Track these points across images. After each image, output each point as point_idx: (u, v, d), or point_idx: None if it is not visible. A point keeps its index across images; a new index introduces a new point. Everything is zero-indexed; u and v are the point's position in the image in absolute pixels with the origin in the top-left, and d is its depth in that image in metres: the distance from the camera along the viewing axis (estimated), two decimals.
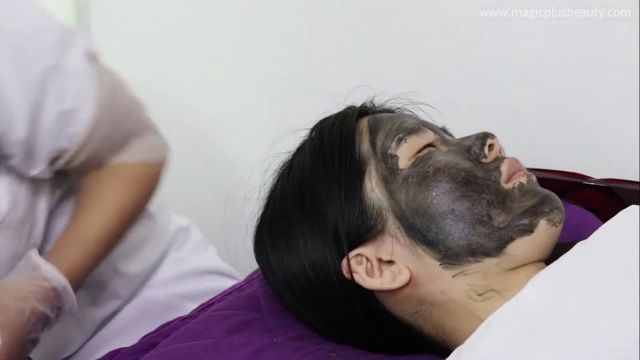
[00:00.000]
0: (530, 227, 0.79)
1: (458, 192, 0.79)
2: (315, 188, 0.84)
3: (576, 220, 1.03)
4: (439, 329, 0.80)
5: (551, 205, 0.80)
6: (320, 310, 0.84)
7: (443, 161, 0.81)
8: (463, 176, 0.80)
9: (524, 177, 0.82)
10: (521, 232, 0.79)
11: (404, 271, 0.79)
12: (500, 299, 0.76)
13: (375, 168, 0.83)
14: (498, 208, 0.79)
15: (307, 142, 0.89)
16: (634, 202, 0.86)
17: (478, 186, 0.80)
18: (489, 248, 0.78)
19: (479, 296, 0.78)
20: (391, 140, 0.83)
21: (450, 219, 0.79)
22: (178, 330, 0.91)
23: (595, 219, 1.08)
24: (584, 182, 1.22)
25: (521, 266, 0.79)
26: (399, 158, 0.82)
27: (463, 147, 0.84)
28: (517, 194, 0.80)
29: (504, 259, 0.79)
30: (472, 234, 0.78)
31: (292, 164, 0.89)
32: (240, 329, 0.89)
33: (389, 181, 0.82)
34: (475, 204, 0.79)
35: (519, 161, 0.84)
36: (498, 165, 0.82)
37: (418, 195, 0.80)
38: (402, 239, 0.80)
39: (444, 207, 0.79)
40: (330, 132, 0.87)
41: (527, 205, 0.80)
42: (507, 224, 0.79)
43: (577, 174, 1.24)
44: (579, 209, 1.11)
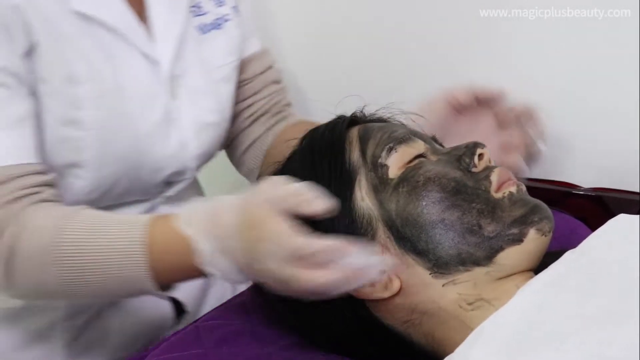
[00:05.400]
0: (520, 237, 0.79)
1: (448, 202, 0.79)
2: None
3: (565, 229, 1.03)
4: (429, 337, 0.80)
5: (541, 215, 0.80)
6: (310, 319, 0.83)
7: (433, 171, 0.81)
8: (453, 186, 0.80)
9: (513, 186, 0.82)
10: (511, 241, 0.79)
11: (395, 280, 0.79)
12: (490, 308, 0.76)
13: (365, 177, 0.83)
14: (488, 217, 0.79)
15: (297, 152, 0.89)
16: (622, 211, 0.86)
17: (468, 195, 0.80)
18: (479, 257, 0.78)
19: (469, 305, 0.78)
20: (381, 149, 0.83)
21: (440, 229, 0.79)
22: (167, 341, 0.91)
23: (584, 228, 1.09)
24: (573, 191, 1.22)
25: (510, 275, 0.79)
26: (389, 167, 0.82)
27: (453, 157, 0.84)
28: (507, 203, 0.80)
29: (493, 268, 0.79)
30: (462, 243, 0.78)
31: (282, 174, 0.89)
32: (230, 340, 0.88)
33: (379, 190, 0.82)
34: (465, 214, 0.79)
35: (508, 171, 0.84)
36: (488, 175, 0.82)
37: (408, 204, 0.80)
38: (392, 248, 0.79)
39: (434, 217, 0.79)
40: (321, 141, 0.87)
41: (516, 214, 0.80)
42: (497, 234, 0.79)
43: (567, 183, 1.25)
44: (569, 218, 1.11)
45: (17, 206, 0.87)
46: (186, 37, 1.05)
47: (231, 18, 1.12)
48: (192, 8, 1.08)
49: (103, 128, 0.97)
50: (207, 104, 1.08)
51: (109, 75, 0.97)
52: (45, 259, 0.86)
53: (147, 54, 1.01)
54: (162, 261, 0.84)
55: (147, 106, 1.01)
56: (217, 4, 1.12)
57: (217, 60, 1.10)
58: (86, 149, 0.97)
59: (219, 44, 1.11)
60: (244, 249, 0.77)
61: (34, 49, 0.92)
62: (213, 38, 1.10)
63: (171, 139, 1.03)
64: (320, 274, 0.73)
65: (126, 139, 0.99)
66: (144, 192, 1.07)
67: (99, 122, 0.96)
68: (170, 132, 1.03)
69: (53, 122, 0.95)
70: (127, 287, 0.87)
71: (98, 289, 0.86)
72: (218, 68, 1.10)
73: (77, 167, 0.98)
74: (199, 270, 0.82)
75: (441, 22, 1.36)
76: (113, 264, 0.84)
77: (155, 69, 1.02)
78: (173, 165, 1.05)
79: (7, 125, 0.90)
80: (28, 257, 0.86)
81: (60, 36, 0.93)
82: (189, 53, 1.06)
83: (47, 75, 0.93)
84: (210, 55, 1.09)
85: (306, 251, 0.73)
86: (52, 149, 0.96)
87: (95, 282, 0.86)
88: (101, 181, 0.99)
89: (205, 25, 1.10)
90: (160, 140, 1.02)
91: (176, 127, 1.04)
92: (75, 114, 0.95)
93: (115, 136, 0.98)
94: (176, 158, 1.05)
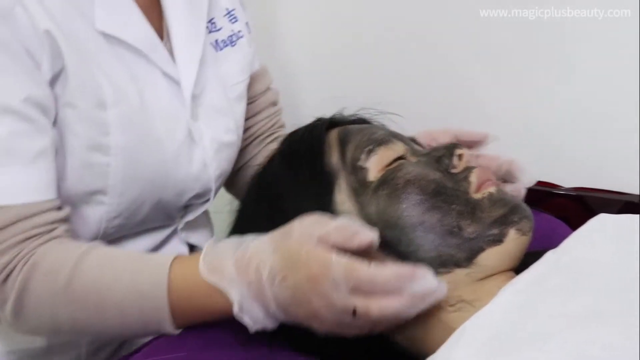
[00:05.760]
0: (500, 237, 0.79)
1: (428, 204, 0.79)
2: (286, 202, 0.83)
3: (547, 229, 1.03)
4: (411, 339, 0.80)
5: (520, 215, 0.81)
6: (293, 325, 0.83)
7: (413, 172, 0.81)
8: (433, 187, 0.80)
9: (493, 186, 0.82)
10: (491, 242, 0.79)
11: None
12: (472, 309, 0.76)
13: (345, 180, 0.83)
14: (468, 219, 0.79)
15: (277, 154, 0.89)
16: (603, 210, 0.87)
17: (448, 197, 0.80)
18: (459, 259, 0.78)
19: (451, 307, 0.78)
20: (361, 151, 0.83)
21: (420, 231, 0.79)
22: (150, 345, 0.90)
23: (565, 228, 1.09)
24: (554, 191, 1.23)
25: (491, 276, 0.79)
26: (368, 170, 0.82)
27: (433, 158, 0.84)
28: (486, 203, 0.81)
29: (474, 269, 0.79)
30: (442, 245, 0.78)
31: (261, 178, 0.89)
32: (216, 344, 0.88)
33: (359, 193, 0.82)
34: (445, 215, 0.79)
35: (488, 170, 0.84)
36: (467, 175, 0.82)
37: (388, 207, 0.80)
38: (374, 251, 0.79)
39: (414, 219, 0.79)
40: (299, 144, 0.87)
41: (496, 214, 0.80)
42: (477, 235, 0.79)
43: (548, 183, 1.25)
44: (550, 218, 1.12)
45: (30, 245, 0.86)
46: (204, 55, 1.04)
47: (244, 35, 1.11)
48: (207, 24, 1.06)
49: (130, 152, 0.95)
50: (224, 123, 1.06)
51: (134, 97, 0.95)
52: (58, 300, 0.84)
53: (169, 73, 0.99)
54: (186, 307, 0.83)
55: (172, 128, 0.99)
56: (231, 20, 1.10)
57: (232, 78, 1.09)
58: (112, 174, 0.95)
59: (233, 61, 1.09)
60: (288, 292, 0.75)
61: (61, 73, 0.90)
62: (227, 55, 1.08)
63: (194, 160, 1.02)
64: (390, 302, 0.72)
65: (152, 162, 0.97)
66: (165, 217, 1.05)
67: (126, 147, 0.94)
68: (193, 153, 1.02)
69: (79, 148, 0.93)
70: (146, 328, 0.86)
71: (114, 329, 0.86)
72: (233, 86, 1.09)
73: (101, 194, 0.96)
74: (226, 315, 0.81)
75: (441, 22, 1.37)
76: (134, 307, 0.84)
77: (176, 89, 1.00)
78: (196, 187, 1.04)
79: (25, 161, 0.88)
80: (40, 297, 0.85)
81: (88, 58, 0.92)
82: (207, 72, 1.04)
83: (74, 100, 0.91)
84: (225, 73, 1.08)
85: (376, 281, 0.72)
86: (75, 176, 0.94)
87: (113, 324, 0.85)
88: (125, 207, 0.98)
89: (220, 42, 1.08)
90: (184, 162, 1.01)
91: (198, 147, 1.02)
92: (103, 139, 0.93)
93: (142, 160, 0.96)
94: (199, 180, 1.03)
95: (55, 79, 0.90)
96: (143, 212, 1.00)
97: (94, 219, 0.97)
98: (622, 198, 1.23)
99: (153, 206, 1.00)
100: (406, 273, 0.73)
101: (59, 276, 0.84)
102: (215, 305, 0.81)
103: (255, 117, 1.18)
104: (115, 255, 0.88)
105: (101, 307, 0.84)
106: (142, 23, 0.97)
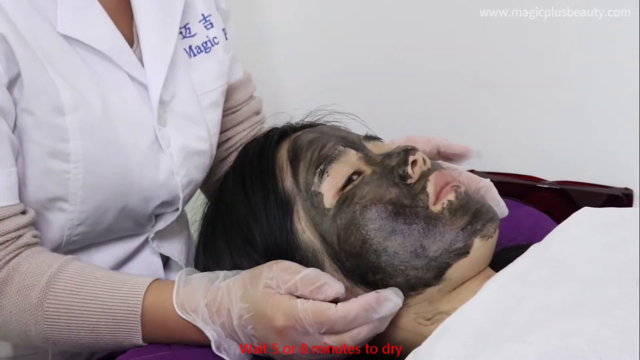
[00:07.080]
0: (466, 249, 0.78)
1: (389, 228, 0.77)
2: (244, 229, 0.83)
3: (530, 222, 1.04)
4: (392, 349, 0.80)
5: (484, 219, 0.79)
6: None
7: (368, 196, 0.79)
8: (391, 210, 0.78)
9: (451, 193, 0.80)
10: (457, 256, 0.77)
11: None
12: None
13: (302, 207, 0.81)
14: (430, 237, 0.77)
15: (229, 177, 0.88)
16: (586, 204, 0.87)
17: (407, 217, 0.78)
18: (428, 279, 0.77)
19: (428, 321, 0.78)
20: (313, 174, 0.81)
21: (384, 257, 0.77)
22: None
23: (549, 221, 1.09)
24: (538, 184, 1.23)
25: (464, 283, 0.79)
26: (323, 196, 0.80)
27: (387, 168, 0.81)
28: (447, 215, 0.78)
29: (445, 284, 0.78)
30: (408, 269, 0.77)
31: (218, 201, 0.88)
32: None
33: (318, 222, 0.80)
34: (407, 238, 0.77)
35: (445, 173, 0.82)
36: (425, 186, 0.80)
37: (349, 237, 0.78)
38: (341, 280, 0.78)
39: (376, 247, 0.77)
40: (250, 168, 0.85)
41: (459, 224, 0.78)
42: (442, 251, 0.77)
43: (531, 177, 1.26)
44: (534, 211, 1.12)
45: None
46: (176, 60, 1.01)
47: (220, 41, 1.08)
48: (181, 29, 1.04)
49: (91, 159, 0.92)
50: (195, 130, 1.03)
51: (97, 103, 0.92)
52: (29, 318, 0.84)
53: (136, 78, 0.97)
54: (161, 335, 0.85)
55: (138, 133, 0.96)
56: (206, 26, 1.07)
57: (205, 85, 1.05)
58: (72, 181, 0.92)
59: (207, 68, 1.06)
60: (261, 339, 0.78)
61: (18, 79, 0.88)
62: (201, 62, 1.05)
63: (161, 167, 0.99)
64: (361, 330, 0.76)
65: (115, 169, 0.95)
66: (133, 225, 1.03)
67: (87, 153, 0.92)
68: (160, 160, 0.99)
69: (38, 155, 0.91)
70: (119, 346, 0.87)
71: (87, 347, 0.87)
72: (206, 93, 1.05)
73: (62, 201, 0.94)
74: (202, 344, 0.83)
75: (441, 22, 1.36)
76: (107, 330, 0.85)
77: (145, 94, 0.97)
78: (162, 194, 1.01)
79: None
80: (11, 312, 0.85)
81: (46, 63, 0.89)
82: (178, 77, 1.02)
83: (31, 106, 0.89)
84: (198, 80, 1.05)
85: (347, 319, 0.75)
86: (35, 183, 0.92)
87: (85, 342, 0.86)
88: (87, 214, 0.95)
89: (194, 48, 1.06)
90: (151, 169, 0.98)
91: (165, 154, 0.99)
92: (62, 145, 0.90)
93: (104, 167, 0.94)
94: (165, 187, 1.00)
95: (12, 83, 0.88)
96: (108, 220, 0.98)
97: (56, 225, 0.95)
98: (605, 191, 1.24)
99: (118, 213, 0.98)
100: (372, 302, 0.75)
101: (32, 293, 0.84)
102: (192, 336, 0.83)
103: (237, 127, 1.15)
104: (89, 274, 0.87)
105: (74, 328, 0.85)
106: (107, 26, 0.95)
